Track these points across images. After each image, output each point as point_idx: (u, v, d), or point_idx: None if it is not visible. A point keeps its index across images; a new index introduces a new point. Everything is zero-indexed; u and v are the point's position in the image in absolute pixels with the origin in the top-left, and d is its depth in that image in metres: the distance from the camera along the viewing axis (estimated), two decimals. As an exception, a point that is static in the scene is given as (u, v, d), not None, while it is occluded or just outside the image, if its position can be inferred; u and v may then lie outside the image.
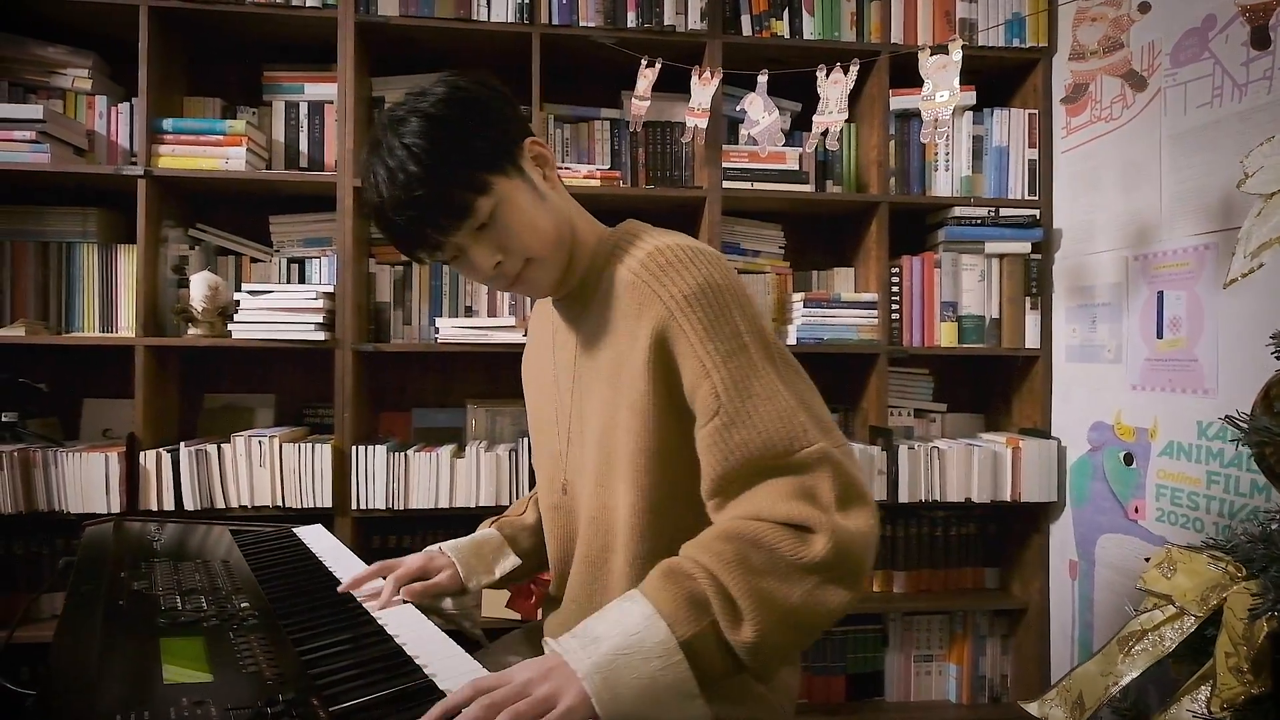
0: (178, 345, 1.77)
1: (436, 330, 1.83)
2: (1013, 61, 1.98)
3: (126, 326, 1.81)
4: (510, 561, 1.12)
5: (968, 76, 1.96)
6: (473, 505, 1.77)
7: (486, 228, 0.83)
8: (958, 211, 1.95)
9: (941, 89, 1.38)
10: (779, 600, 0.69)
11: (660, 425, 0.83)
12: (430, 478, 1.75)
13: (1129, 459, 1.70)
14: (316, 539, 1.29)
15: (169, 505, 1.67)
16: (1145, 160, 1.65)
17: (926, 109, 1.42)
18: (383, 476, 1.74)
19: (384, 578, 0.99)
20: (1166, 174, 1.60)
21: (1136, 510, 1.68)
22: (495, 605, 1.80)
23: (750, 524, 0.73)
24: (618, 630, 0.67)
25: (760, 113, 1.66)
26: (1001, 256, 1.97)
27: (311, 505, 1.72)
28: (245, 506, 1.70)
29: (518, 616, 1.80)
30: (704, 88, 1.69)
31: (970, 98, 1.97)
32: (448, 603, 1.05)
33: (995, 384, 2.16)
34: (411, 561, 1.03)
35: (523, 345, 1.81)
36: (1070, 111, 1.89)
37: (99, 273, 1.81)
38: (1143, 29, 1.63)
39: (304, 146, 1.88)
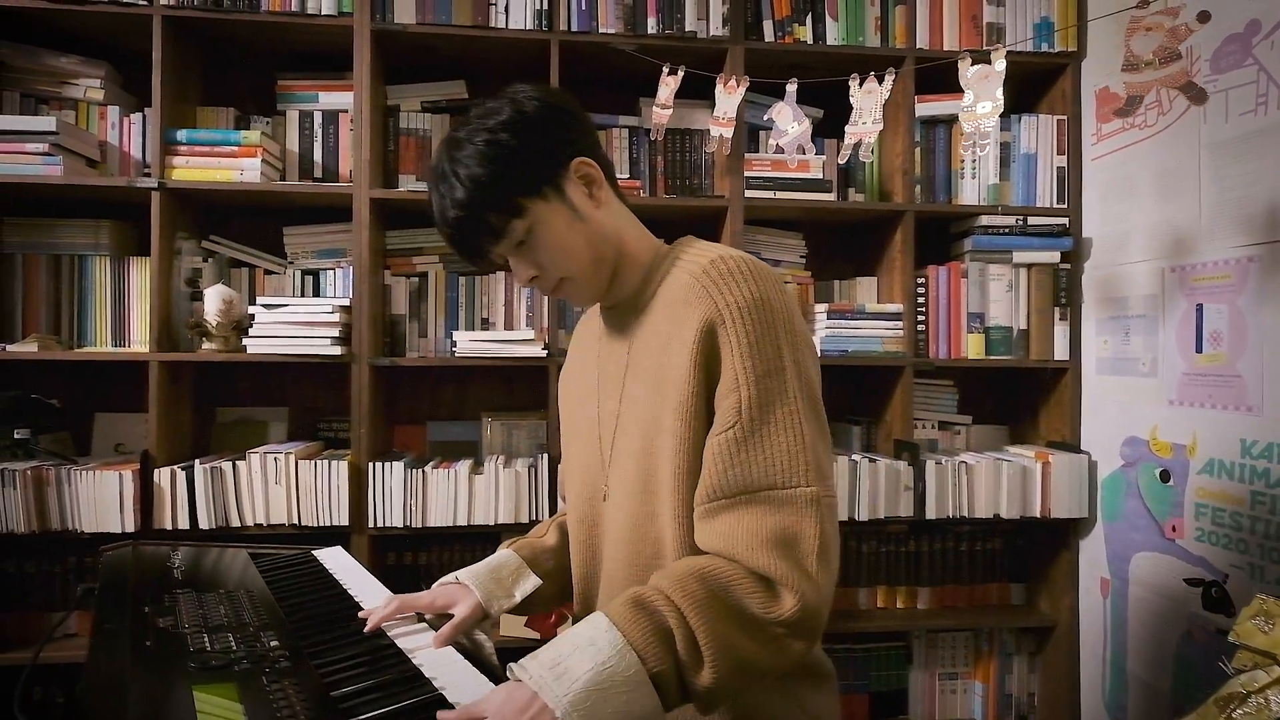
0: (192, 360, 1.73)
1: (454, 343, 1.80)
2: (1041, 67, 1.94)
3: (139, 340, 1.78)
4: (530, 583, 1.08)
5: (995, 82, 1.92)
6: (492, 523, 1.73)
7: (524, 245, 0.87)
8: (985, 220, 1.91)
9: (984, 100, 1.33)
10: (739, 649, 0.72)
11: (701, 427, 0.82)
12: (449, 495, 1.72)
13: (1165, 476, 1.65)
14: (337, 562, 1.26)
15: (184, 524, 1.63)
16: (1183, 169, 1.61)
17: (967, 120, 1.38)
18: (400, 493, 1.70)
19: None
20: (1206, 183, 1.55)
21: (1174, 529, 1.63)
22: (513, 624, 1.76)
23: (724, 567, 0.75)
24: (590, 661, 0.69)
25: (789, 122, 1.62)
26: (1030, 266, 1.92)
27: (328, 523, 1.69)
28: (261, 525, 1.67)
29: (536, 635, 1.76)
30: (730, 96, 1.65)
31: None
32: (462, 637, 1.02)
33: (1021, 396, 2.12)
34: (425, 593, 1.01)
35: (541, 358, 1.79)
36: (1100, 118, 1.85)
37: (111, 286, 1.78)
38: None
39: (318, 156, 1.85)
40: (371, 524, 1.71)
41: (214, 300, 1.69)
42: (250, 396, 1.97)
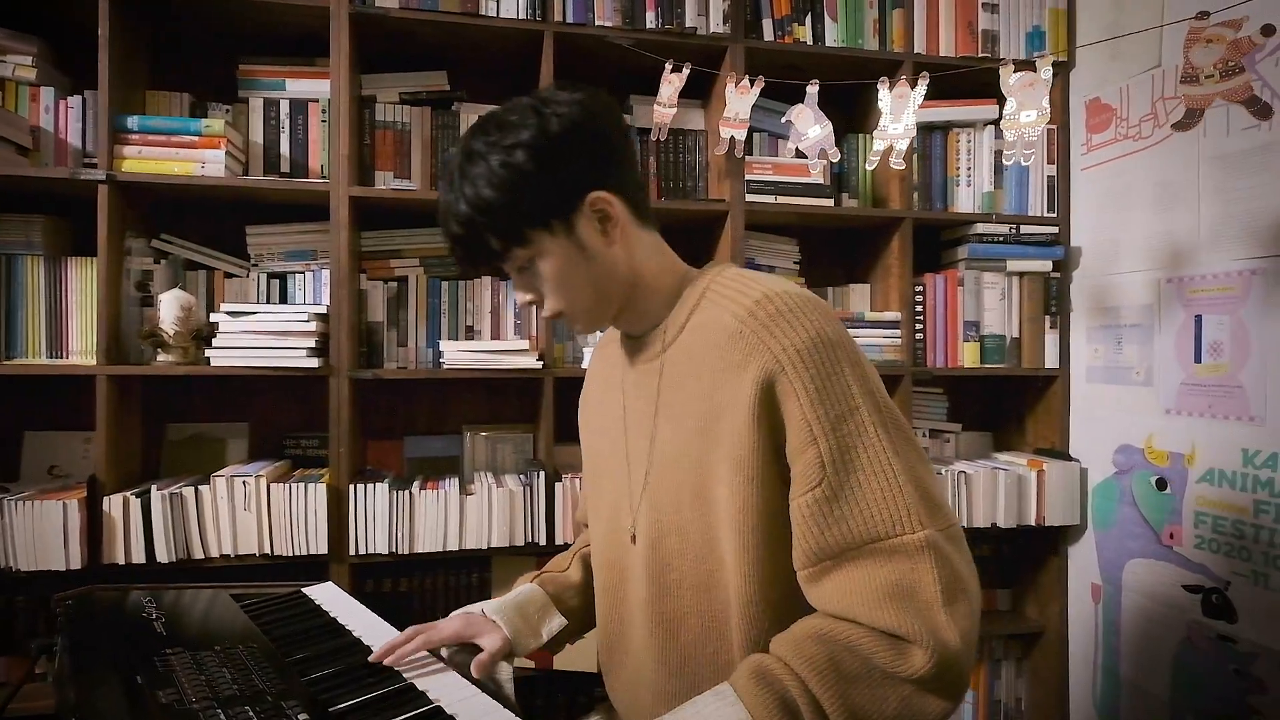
0: (146, 374, 1.55)
1: (441, 354, 1.67)
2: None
3: (78, 351, 1.58)
4: (557, 623, 1.03)
5: (988, 90, 1.91)
6: (484, 546, 1.62)
7: (525, 270, 0.85)
8: (980, 228, 1.90)
9: (1028, 108, 1.30)
10: (872, 713, 0.68)
11: (764, 484, 0.77)
12: (438, 517, 1.59)
13: (1162, 484, 1.67)
14: (333, 601, 1.14)
15: (138, 558, 1.46)
16: (1181, 181, 1.63)
17: (1010, 129, 1.34)
18: (384, 518, 1.57)
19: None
20: (1205, 196, 1.57)
21: (1172, 536, 1.65)
22: (507, 653, 1.65)
23: (844, 627, 0.70)
24: None
25: (810, 125, 1.56)
26: (1022, 275, 1.93)
27: (304, 552, 1.54)
28: (227, 556, 1.51)
29: (531, 665, 1.66)
30: (742, 97, 1.58)
31: (992, 111, 1.93)
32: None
33: (1007, 403, 2.13)
34: (447, 626, 0.94)
35: (536, 370, 1.68)
36: (1092, 129, 1.87)
37: (46, 290, 1.58)
38: (1179, 47, 1.61)
39: (285, 149, 1.69)
40: (352, 551, 1.57)
41: (171, 306, 1.52)
42: (204, 412, 1.79)
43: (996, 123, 1.93)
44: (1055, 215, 1.94)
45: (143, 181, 1.51)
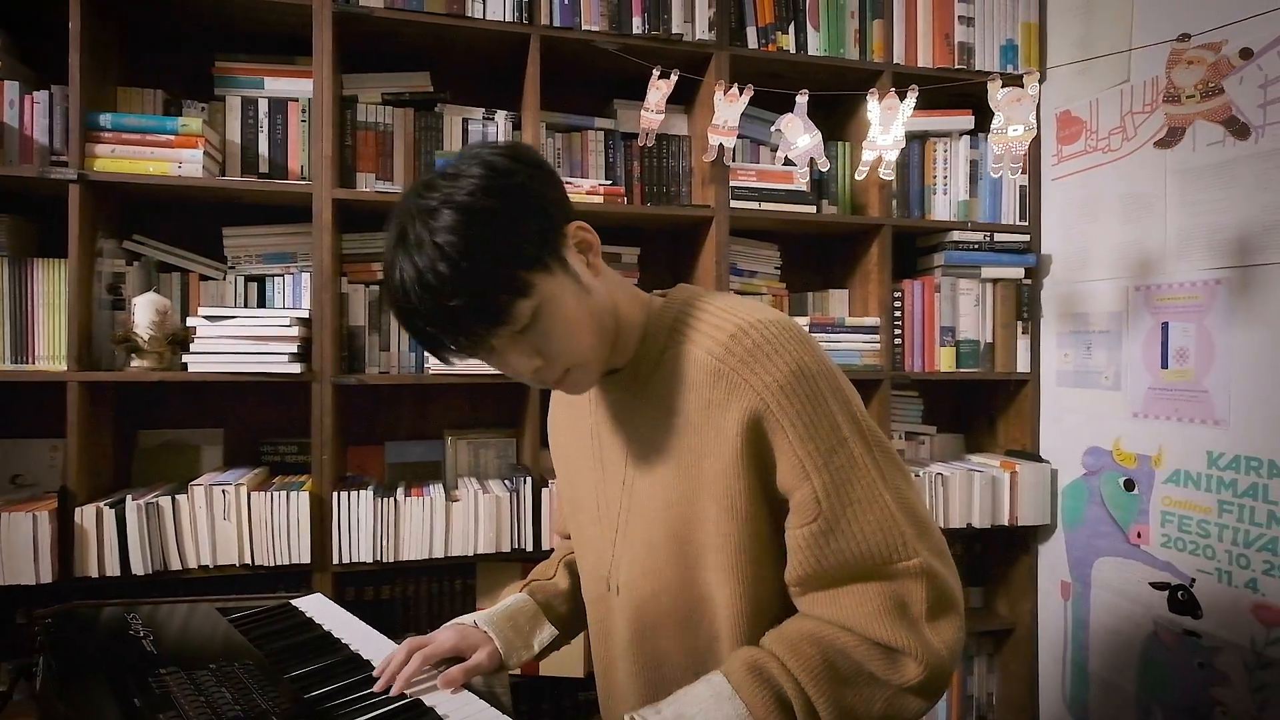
0: (119, 381, 1.51)
1: (426, 359, 1.65)
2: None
3: (46, 356, 1.53)
4: (547, 633, 1.02)
5: (964, 100, 1.97)
6: (470, 553, 1.60)
7: (526, 330, 0.73)
8: (955, 236, 1.94)
9: (1015, 123, 1.33)
10: (860, 714, 0.70)
11: (754, 519, 0.77)
12: (423, 524, 1.58)
13: (1130, 485, 1.74)
14: (323, 612, 1.12)
15: (112, 571, 1.41)
16: (1148, 193, 1.69)
17: (997, 143, 1.38)
18: (369, 525, 1.55)
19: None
20: (1172, 208, 1.63)
21: (1139, 535, 1.71)
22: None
23: (838, 633, 0.72)
24: None
25: (800, 134, 1.58)
26: (995, 281, 1.98)
27: (286, 562, 1.51)
28: (206, 567, 1.47)
29: (517, 671, 1.65)
30: (731, 105, 1.59)
31: (968, 122, 1.97)
32: (477, 682, 0.94)
33: (979, 405, 2.18)
34: (444, 640, 0.92)
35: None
36: (1062, 140, 1.92)
37: (10, 292, 1.52)
38: (1148, 63, 1.67)
39: (264, 149, 1.65)
40: (336, 560, 1.54)
41: (146, 310, 1.48)
42: (177, 418, 1.74)
43: (972, 133, 1.99)
44: (1027, 224, 1.99)
45: (117, 181, 1.46)
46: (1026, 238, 1.98)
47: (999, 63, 1.95)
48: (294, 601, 1.17)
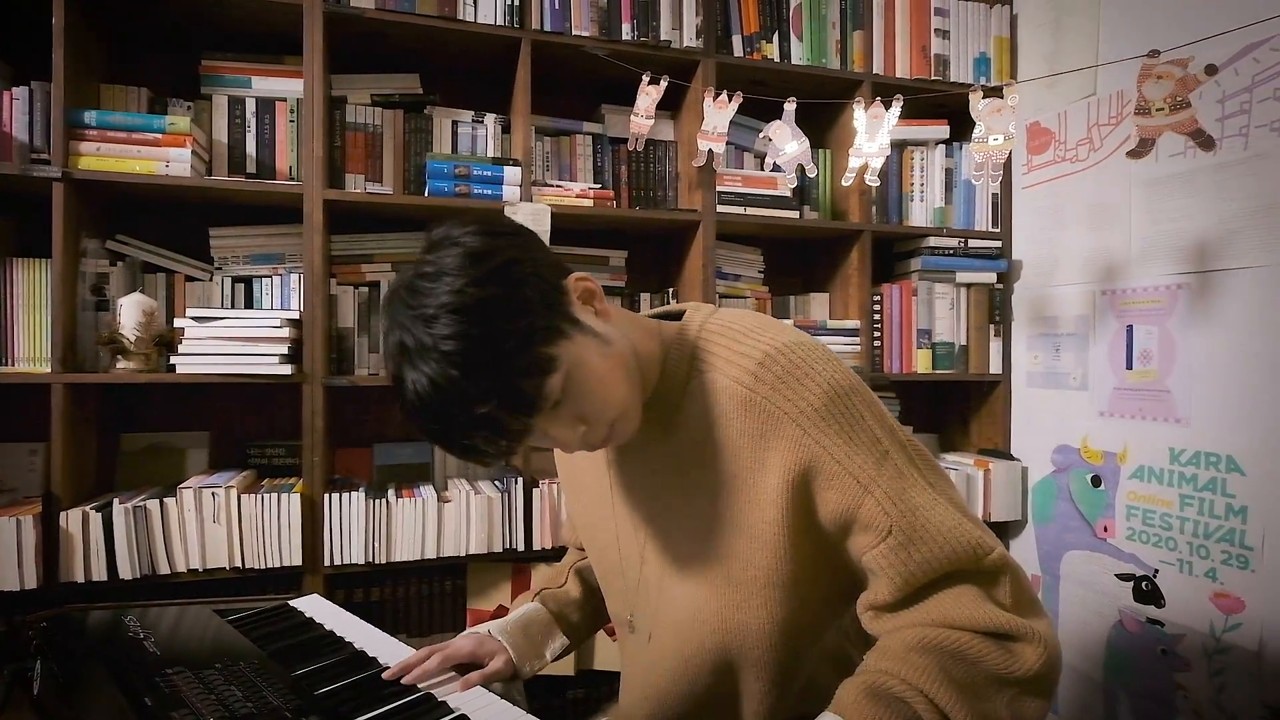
0: (105, 382, 1.48)
1: (416, 361, 1.65)
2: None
3: (26, 357, 1.50)
4: (559, 643, 1.03)
5: (940, 111, 2.04)
6: (462, 554, 1.61)
7: (560, 403, 0.70)
8: (932, 241, 2.01)
9: (995, 133, 1.39)
10: (990, 717, 0.66)
11: (793, 552, 0.75)
12: (416, 525, 1.58)
13: (1097, 481, 1.82)
14: (322, 612, 1.13)
15: (99, 575, 1.39)
16: (1114, 202, 1.77)
17: (979, 152, 1.43)
18: (362, 527, 1.54)
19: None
20: (1137, 216, 1.72)
21: (1105, 529, 1.79)
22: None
23: (947, 634, 0.67)
24: None
25: (788, 140, 1.62)
26: (969, 286, 2.05)
27: (277, 564, 1.50)
28: (195, 571, 1.46)
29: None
30: (720, 111, 1.63)
31: (943, 131, 2.04)
32: (495, 685, 0.95)
33: (953, 406, 2.25)
34: (462, 645, 0.93)
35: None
36: (1032, 150, 2.00)
37: (-12, 292, 1.49)
38: (1114, 77, 1.75)
39: (251, 149, 1.64)
40: (328, 562, 1.54)
41: (132, 311, 1.46)
42: (161, 420, 1.72)
43: (948, 142, 2.05)
44: (999, 230, 2.07)
45: (102, 180, 1.44)
46: (999, 244, 2.05)
47: (973, 74, 2.03)
48: (292, 602, 1.17)
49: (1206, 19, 1.53)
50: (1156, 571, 1.67)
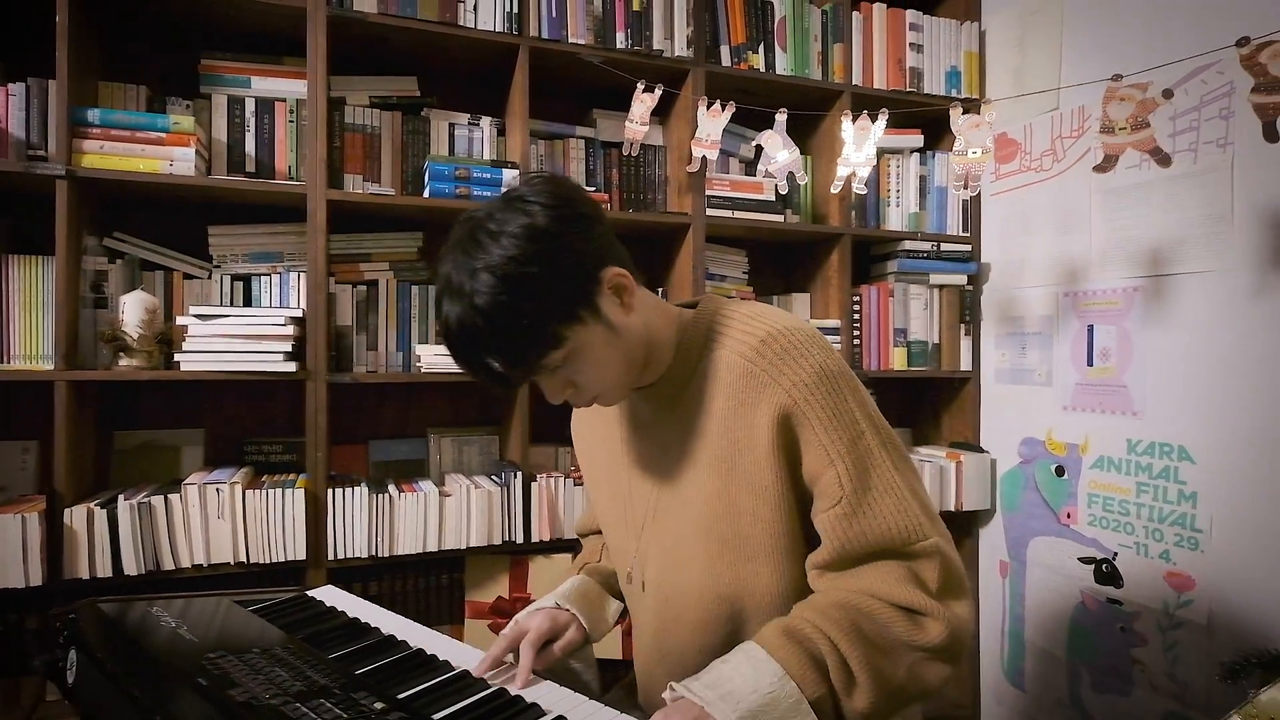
0: (109, 380, 1.49)
1: (418, 358, 1.69)
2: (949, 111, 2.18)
3: (21, 355, 1.49)
4: (614, 607, 1.08)
5: (915, 120, 2.14)
6: (463, 546, 1.65)
7: (558, 369, 0.82)
8: (907, 245, 2.11)
9: (974, 146, 1.49)
10: (887, 675, 0.76)
11: (789, 506, 0.85)
12: (418, 519, 1.61)
13: (1060, 471, 1.94)
14: (341, 602, 1.17)
15: (103, 572, 1.40)
16: (1076, 210, 1.89)
17: (959, 164, 1.53)
18: (365, 521, 1.57)
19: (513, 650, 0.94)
20: (1096, 223, 1.84)
21: (1069, 516, 1.91)
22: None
23: (865, 599, 0.79)
24: (752, 688, 0.73)
25: (779, 149, 1.70)
26: (942, 287, 2.16)
27: (281, 559, 1.52)
28: (200, 566, 1.47)
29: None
30: (713, 120, 1.69)
31: (918, 140, 2.15)
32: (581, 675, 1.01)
33: (925, 401, 2.36)
34: (541, 624, 0.96)
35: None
36: (1000, 159, 2.12)
37: (-17, 289, 1.48)
38: (1075, 93, 1.87)
39: (250, 148, 1.65)
40: (331, 556, 1.56)
41: (135, 309, 1.46)
42: (154, 418, 1.72)
43: (922, 151, 2.16)
44: (969, 235, 2.18)
45: (105, 178, 1.44)
46: (969, 248, 2.17)
47: (945, 87, 2.14)
48: (308, 593, 1.20)
49: (1159, 39, 1.66)
50: (1115, 554, 1.80)
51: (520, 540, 1.69)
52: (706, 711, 0.71)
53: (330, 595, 1.20)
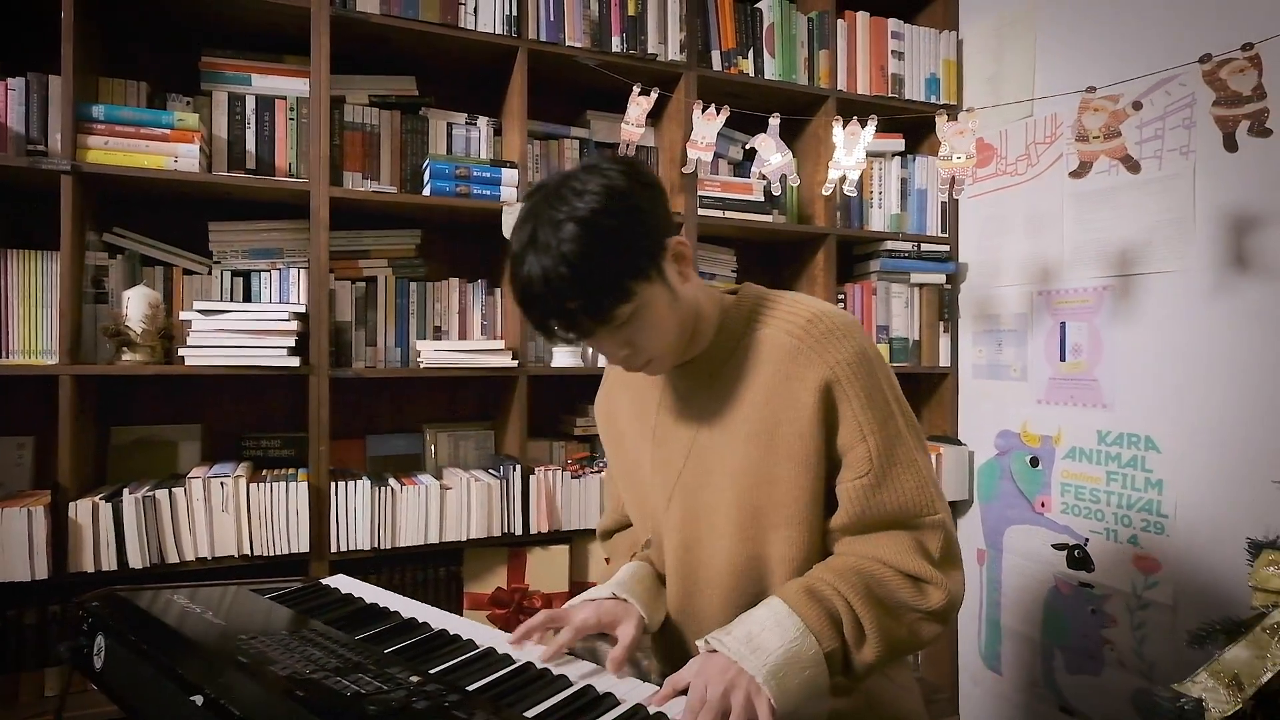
0: (113, 375, 1.49)
1: (418, 354, 1.71)
2: (930, 115, 2.26)
3: (20, 350, 1.49)
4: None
5: (896, 125, 2.22)
6: (463, 538, 1.68)
7: (623, 326, 0.87)
8: (890, 245, 2.19)
9: (959, 152, 1.56)
10: (892, 632, 0.86)
11: (821, 474, 0.91)
12: (419, 512, 1.64)
13: (1035, 462, 2.03)
14: (356, 588, 1.20)
15: (109, 565, 1.41)
16: (1049, 212, 1.98)
17: (944, 168, 1.60)
18: (367, 514, 1.60)
19: (554, 630, 0.96)
20: (1068, 225, 1.93)
21: (1043, 505, 2.01)
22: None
23: (877, 566, 0.87)
24: (778, 640, 0.81)
25: (772, 152, 1.76)
26: (922, 286, 2.24)
27: (285, 551, 1.54)
28: (204, 559, 1.48)
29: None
30: (708, 123, 1.75)
31: (899, 144, 2.23)
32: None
33: (907, 396, 2.43)
34: (587, 616, 0.95)
35: (512, 369, 1.76)
36: (977, 164, 2.20)
37: (-19, 284, 1.47)
38: (1048, 102, 1.97)
39: (251, 145, 1.67)
40: (334, 548, 1.58)
41: (138, 304, 1.47)
42: (151, 413, 1.72)
43: (903, 154, 2.24)
44: (947, 236, 2.27)
45: (110, 174, 1.45)
46: (947, 248, 2.25)
47: (924, 93, 2.22)
48: (323, 580, 1.23)
49: (1126, 51, 1.76)
50: (1087, 540, 1.89)
51: (519, 532, 1.73)
52: (736, 663, 0.79)
53: (344, 583, 1.23)
